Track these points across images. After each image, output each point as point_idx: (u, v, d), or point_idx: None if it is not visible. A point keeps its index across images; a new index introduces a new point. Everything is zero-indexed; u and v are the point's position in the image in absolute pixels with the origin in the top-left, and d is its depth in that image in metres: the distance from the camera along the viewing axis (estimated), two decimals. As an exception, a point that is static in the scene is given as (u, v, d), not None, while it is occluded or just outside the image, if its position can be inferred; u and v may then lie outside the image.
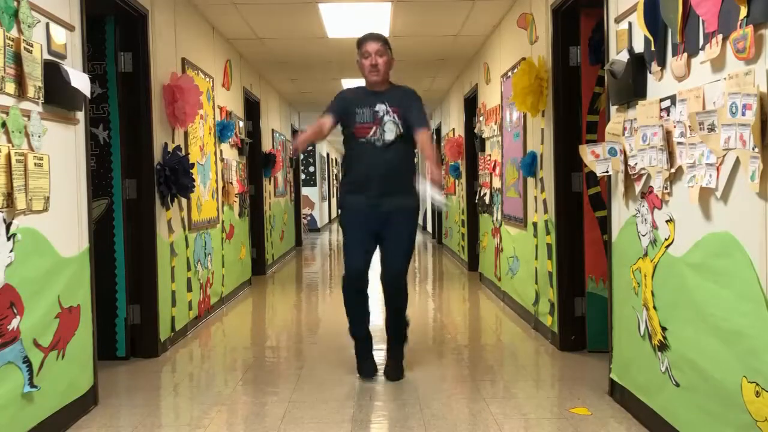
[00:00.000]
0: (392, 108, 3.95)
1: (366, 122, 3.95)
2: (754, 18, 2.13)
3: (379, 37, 4.03)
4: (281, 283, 8.55)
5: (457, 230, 9.91)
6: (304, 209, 16.46)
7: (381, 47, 3.96)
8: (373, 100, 3.97)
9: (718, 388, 2.43)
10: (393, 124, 3.94)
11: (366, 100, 3.98)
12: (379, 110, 3.95)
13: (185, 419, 3.46)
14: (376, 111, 3.95)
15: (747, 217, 2.23)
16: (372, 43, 3.97)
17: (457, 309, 6.58)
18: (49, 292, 3.09)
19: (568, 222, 4.55)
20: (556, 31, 4.57)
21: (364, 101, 3.98)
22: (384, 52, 3.97)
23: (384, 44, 4.00)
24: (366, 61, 3.97)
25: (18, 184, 2.75)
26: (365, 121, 3.95)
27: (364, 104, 3.97)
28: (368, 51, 3.96)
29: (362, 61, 4.00)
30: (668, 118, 2.78)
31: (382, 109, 3.95)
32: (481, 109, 7.58)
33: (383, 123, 3.93)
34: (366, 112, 3.96)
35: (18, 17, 2.81)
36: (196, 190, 5.50)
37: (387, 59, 3.99)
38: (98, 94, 4.38)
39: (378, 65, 3.95)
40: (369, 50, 3.96)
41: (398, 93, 4.04)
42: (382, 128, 3.93)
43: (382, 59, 3.96)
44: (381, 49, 3.96)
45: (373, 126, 3.94)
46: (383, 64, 3.97)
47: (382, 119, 3.94)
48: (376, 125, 3.94)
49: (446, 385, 3.92)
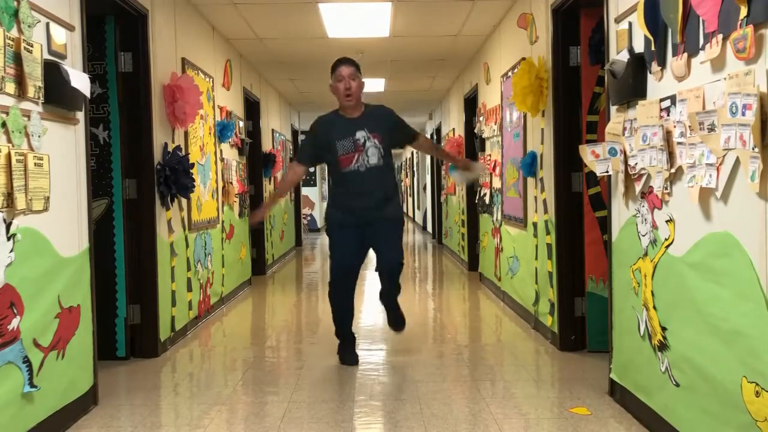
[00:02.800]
0: (372, 134, 4.17)
1: (348, 152, 4.17)
2: (754, 18, 2.13)
3: (352, 61, 4.26)
4: (281, 283, 8.55)
5: (457, 230, 9.91)
6: (304, 209, 16.46)
7: (353, 71, 4.21)
8: (352, 128, 4.18)
9: (718, 388, 2.43)
10: (375, 148, 4.17)
11: (344, 130, 4.19)
12: (359, 138, 4.16)
13: (185, 419, 3.46)
14: (357, 139, 4.16)
15: (747, 217, 2.23)
16: (344, 67, 4.21)
17: (457, 309, 6.58)
18: (49, 292, 3.09)
19: (568, 222, 4.55)
20: (556, 31, 4.57)
21: (342, 132, 4.18)
22: (356, 75, 4.22)
23: (356, 69, 4.23)
24: (340, 85, 4.18)
25: (18, 184, 2.75)
26: (348, 151, 4.16)
27: (344, 135, 4.18)
28: (342, 75, 4.18)
29: (336, 84, 4.21)
30: (668, 118, 2.78)
31: (362, 136, 4.16)
32: (481, 109, 7.58)
33: (366, 149, 4.15)
34: (347, 143, 4.17)
35: (18, 17, 2.81)
36: (196, 190, 5.50)
37: (359, 82, 4.22)
38: (98, 94, 4.38)
39: (351, 89, 4.16)
40: (343, 74, 4.18)
41: (374, 116, 4.26)
42: (365, 154, 4.15)
43: (355, 83, 4.19)
44: (353, 72, 4.21)
45: (356, 154, 4.16)
46: (356, 88, 4.18)
47: (364, 145, 4.16)
48: (358, 153, 4.16)
49: (446, 385, 3.92)
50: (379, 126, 4.21)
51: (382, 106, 4.43)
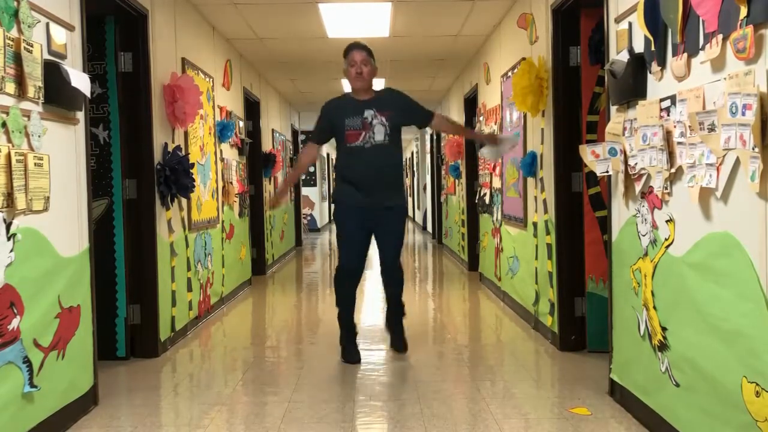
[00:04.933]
0: (381, 113, 4.25)
1: (355, 129, 4.25)
2: (754, 18, 2.13)
3: (364, 47, 4.32)
4: (281, 283, 8.55)
5: (457, 230, 9.91)
6: (304, 209, 16.46)
7: (365, 57, 4.28)
8: (361, 108, 4.28)
9: (718, 388, 2.43)
10: (381, 126, 4.25)
11: (353, 110, 4.28)
12: (367, 116, 4.25)
13: (185, 419, 3.46)
14: (365, 117, 4.25)
15: (747, 217, 2.23)
16: (357, 52, 4.28)
17: (457, 309, 6.58)
18: (49, 292, 3.09)
19: (568, 222, 4.55)
20: (556, 31, 4.57)
21: (351, 111, 4.28)
22: (368, 61, 4.29)
23: (368, 54, 4.30)
24: (352, 69, 4.27)
25: (18, 184, 2.75)
26: (355, 128, 4.25)
27: (352, 114, 4.27)
28: (354, 60, 4.28)
29: (348, 68, 4.30)
30: (668, 118, 2.78)
31: (370, 114, 4.25)
32: (481, 109, 7.58)
33: (372, 126, 4.23)
34: (355, 121, 4.26)
35: (18, 17, 2.81)
36: (196, 190, 5.50)
37: (371, 68, 4.30)
38: (98, 94, 4.38)
39: (363, 73, 4.26)
40: (355, 59, 4.27)
41: (385, 98, 4.35)
42: (371, 131, 4.23)
43: (367, 68, 4.27)
44: (365, 58, 4.28)
45: (362, 131, 4.24)
46: (367, 73, 4.27)
47: (371, 123, 4.24)
48: (365, 130, 4.24)
49: (446, 385, 3.92)
50: (389, 106, 4.30)
51: (390, 88, 4.53)
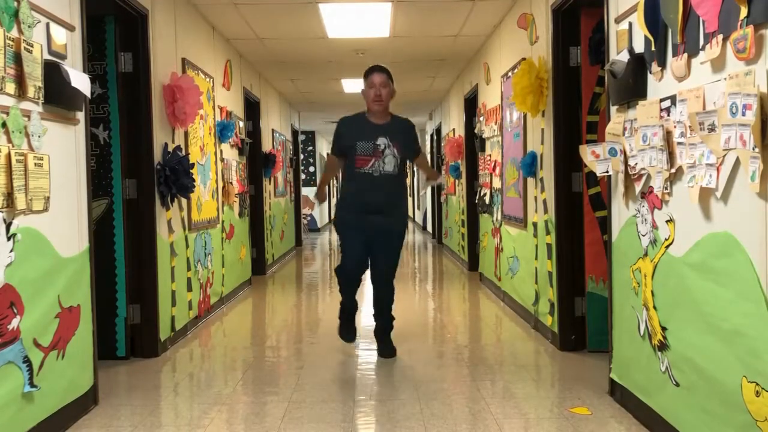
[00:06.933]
0: (393, 143, 4.32)
1: (366, 154, 4.30)
2: (754, 18, 2.13)
3: (384, 69, 4.40)
4: (281, 283, 8.55)
5: (457, 230, 9.91)
6: (304, 209, 16.46)
7: (385, 80, 4.37)
8: (375, 133, 4.33)
9: (718, 388, 2.44)
10: (393, 157, 4.33)
11: (367, 134, 4.33)
12: (380, 143, 4.31)
13: (185, 419, 3.46)
14: (378, 144, 4.31)
15: (747, 217, 2.23)
16: (378, 75, 4.35)
17: (457, 309, 6.58)
18: (49, 292, 3.09)
19: (568, 222, 4.55)
20: (557, 31, 4.57)
21: (365, 135, 4.33)
22: (387, 84, 4.35)
23: (388, 77, 4.38)
24: (371, 91, 4.33)
25: (18, 184, 2.76)
26: (366, 153, 4.30)
27: (366, 137, 4.32)
28: (374, 82, 4.34)
29: (368, 90, 4.35)
30: (668, 118, 2.78)
31: (383, 143, 4.31)
32: (482, 109, 7.58)
33: (384, 156, 4.30)
34: (367, 146, 4.30)
35: (18, 17, 2.82)
36: (196, 190, 5.50)
37: (389, 90, 4.36)
38: (98, 94, 4.39)
39: (382, 96, 4.32)
40: (375, 82, 4.33)
41: (398, 128, 4.42)
42: (382, 160, 4.30)
43: (386, 90, 4.34)
44: (385, 81, 4.35)
45: (373, 158, 4.30)
46: (386, 96, 4.35)
47: (383, 152, 4.30)
48: (375, 158, 4.30)
49: (446, 385, 3.92)
50: (399, 137, 4.37)
51: (407, 119, 4.59)
